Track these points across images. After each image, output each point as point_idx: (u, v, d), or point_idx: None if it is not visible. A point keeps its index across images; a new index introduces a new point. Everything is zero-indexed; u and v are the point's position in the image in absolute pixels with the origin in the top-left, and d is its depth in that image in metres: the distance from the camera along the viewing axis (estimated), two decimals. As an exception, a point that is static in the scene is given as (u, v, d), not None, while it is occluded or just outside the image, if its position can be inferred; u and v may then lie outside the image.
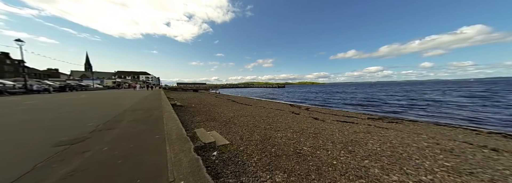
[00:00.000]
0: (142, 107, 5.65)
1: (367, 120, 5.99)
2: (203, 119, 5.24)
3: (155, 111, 4.73)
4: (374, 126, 4.50)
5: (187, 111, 6.75)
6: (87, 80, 29.33)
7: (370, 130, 3.91)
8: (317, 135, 3.42)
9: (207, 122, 4.83)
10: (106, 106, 5.76)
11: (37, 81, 13.64)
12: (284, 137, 3.34)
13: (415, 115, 7.97)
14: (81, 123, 3.15)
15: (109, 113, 4.20)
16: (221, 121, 5.10)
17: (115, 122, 3.15)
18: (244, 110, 7.87)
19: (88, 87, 21.42)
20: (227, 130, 3.93)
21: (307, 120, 5.32)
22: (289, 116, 6.17)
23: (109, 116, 3.80)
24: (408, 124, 5.40)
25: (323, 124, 4.68)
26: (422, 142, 2.95)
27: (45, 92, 12.89)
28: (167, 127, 2.82)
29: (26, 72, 44.27)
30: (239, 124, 4.66)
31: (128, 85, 47.06)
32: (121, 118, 3.55)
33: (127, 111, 4.51)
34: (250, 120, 5.21)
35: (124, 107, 5.41)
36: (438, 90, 27.14)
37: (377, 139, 3.16)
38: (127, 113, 4.23)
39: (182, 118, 5.31)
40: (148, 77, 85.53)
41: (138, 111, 4.60)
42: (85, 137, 2.22)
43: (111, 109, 5.10)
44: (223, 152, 2.59)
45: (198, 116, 5.87)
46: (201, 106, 8.94)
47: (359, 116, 7.18)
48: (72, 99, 8.52)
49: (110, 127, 2.80)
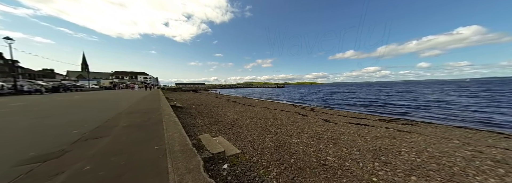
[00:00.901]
0: (139, 109, 5.20)
1: (380, 122, 5.63)
2: (206, 122, 4.82)
3: (153, 114, 4.30)
4: (393, 129, 4.13)
5: (187, 113, 6.31)
6: (84, 80, 28.54)
7: (392, 134, 3.53)
8: (337, 141, 3.03)
9: (210, 126, 4.41)
10: (99, 108, 5.28)
11: (28, 82, 13.02)
12: (301, 143, 2.95)
13: (425, 116, 7.65)
14: (65, 129, 2.69)
15: (101, 117, 3.75)
16: (226, 124, 4.68)
17: (106, 128, 2.71)
18: (247, 111, 7.46)
19: (84, 87, 20.73)
20: (234, 135, 3.51)
21: (318, 123, 4.93)
22: (297, 118, 5.78)
23: (100, 120, 3.34)
24: (425, 127, 5.05)
25: (337, 127, 4.30)
26: (462, 150, 2.59)
27: (37, 93, 12.26)
28: (167, 135, 2.39)
29: (20, 73, 43.19)
30: (246, 127, 4.25)
31: (126, 85, 46.24)
32: (114, 122, 3.11)
33: (122, 114, 4.06)
34: (257, 123, 4.81)
35: (119, 109, 4.95)
36: (438, 90, 27.08)
37: (407, 146, 2.79)
38: (121, 116, 3.78)
39: (183, 121, 4.88)
40: (147, 77, 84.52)
41: (134, 114, 4.16)
42: (64, 150, 1.77)
43: (105, 111, 4.64)
44: (235, 165, 2.18)
45: (200, 118, 5.44)
46: (202, 107, 8.50)
47: (369, 118, 6.82)
48: (63, 100, 8.00)
49: (99, 135, 2.36)
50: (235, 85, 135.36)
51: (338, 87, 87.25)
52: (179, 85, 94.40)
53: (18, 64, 43.87)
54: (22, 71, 43.60)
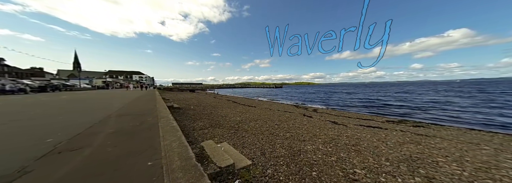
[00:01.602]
0: (133, 110, 4.72)
1: (390, 124, 5.35)
2: (206, 125, 4.40)
3: (148, 116, 3.84)
4: (410, 133, 3.83)
5: (186, 115, 5.86)
6: (75, 79, 27.34)
7: (414, 139, 3.22)
8: (358, 148, 2.68)
9: (212, 129, 3.99)
10: (86, 110, 4.75)
11: (12, 80, 12.15)
12: (317, 151, 2.58)
13: (429, 118, 7.45)
14: (37, 137, 2.21)
15: (86, 120, 3.26)
16: (229, 127, 4.28)
17: (88, 136, 2.25)
18: (249, 112, 7.06)
19: (74, 87, 19.76)
20: (240, 140, 3.12)
21: (327, 125, 4.59)
22: (303, 120, 5.43)
23: (84, 124, 2.87)
24: (438, 129, 4.80)
25: (349, 130, 3.96)
26: (503, 159, 2.29)
27: (21, 93, 11.43)
28: (165, 144, 1.98)
29: (6, 71, 41.18)
30: (252, 131, 3.86)
31: (120, 85, 44.90)
32: (100, 128, 2.65)
33: (111, 117, 3.58)
34: (262, 126, 4.42)
35: (110, 111, 4.46)
36: (433, 90, 27.48)
37: (440, 154, 2.47)
38: (110, 120, 3.31)
39: (181, 124, 4.44)
40: (142, 76, 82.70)
41: (126, 117, 3.68)
42: (24, 170, 1.30)
43: (92, 113, 4.14)
44: (247, 180, 1.79)
45: (199, 120, 5.01)
46: (200, 108, 8.04)
47: (376, 119, 6.55)
48: (48, 101, 7.36)
49: (78, 144, 1.90)
50: (232, 85, 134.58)
51: (335, 87, 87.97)
52: (176, 84, 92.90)
53: (3, 62, 41.83)
54: (8, 69, 41.61)
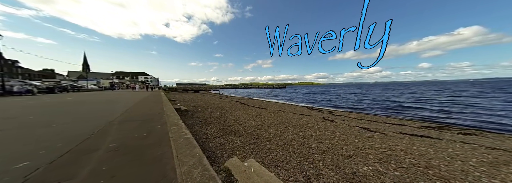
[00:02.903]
0: (138, 114, 4.21)
1: (432, 131, 4.59)
2: (220, 132, 3.82)
3: (156, 122, 3.31)
4: (478, 145, 3.09)
5: (195, 118, 5.32)
6: (84, 80, 27.66)
7: (499, 158, 2.50)
8: (439, 174, 1.99)
9: (228, 137, 3.41)
10: (88, 114, 4.27)
11: (20, 82, 12.13)
12: (382, 175, 1.92)
13: (468, 123, 6.59)
14: (8, 159, 1.68)
15: (82, 130, 2.74)
16: (246, 134, 3.69)
17: (79, 157, 1.68)
18: (263, 115, 6.46)
19: (82, 88, 19.83)
20: (268, 155, 2.51)
21: (362, 133, 3.91)
22: (328, 126, 4.76)
23: (78, 136, 2.31)
24: (499, 138, 4.00)
25: (397, 141, 3.26)
26: None
27: (28, 94, 11.32)
28: (182, 171, 1.39)
29: (20, 73, 42.49)
30: (276, 140, 3.25)
31: (127, 85, 45.51)
32: (97, 142, 2.09)
33: (113, 124, 3.06)
34: (285, 133, 3.80)
35: (113, 115, 3.96)
36: (448, 90, 25.91)
37: None
38: (112, 128, 2.78)
39: (193, 130, 3.89)
40: (147, 77, 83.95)
41: (130, 124, 3.16)
42: None
43: (93, 119, 3.66)
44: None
45: (211, 125, 4.45)
46: (209, 110, 7.51)
47: (407, 124, 5.78)
48: (51, 103, 7.02)
49: (60, 175, 1.34)
50: (235, 86, 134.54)
51: (340, 87, 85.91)
52: (180, 85, 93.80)
53: (18, 64, 43.23)
54: (21, 71, 42.96)
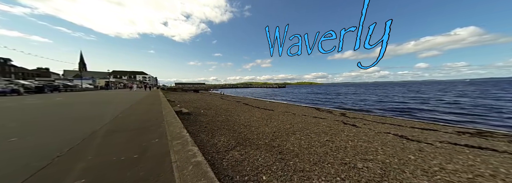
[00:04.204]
0: (132, 121, 3.48)
1: (480, 139, 3.94)
2: (232, 142, 3.13)
3: (152, 133, 2.60)
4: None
5: (199, 123, 4.61)
6: (80, 79, 26.68)
7: None
8: None
9: (243, 150, 2.72)
10: (70, 121, 3.47)
11: (6, 80, 11.23)
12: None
13: (504, 127, 5.97)
14: None
15: (52, 144, 2.02)
16: (264, 145, 2.99)
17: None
18: (273, 118, 5.77)
19: (76, 87, 18.89)
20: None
21: (408, 144, 3.22)
22: (356, 132, 4.08)
23: (39, 159, 1.56)
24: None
25: (461, 156, 2.59)
26: None
27: (13, 94, 10.45)
28: None
29: (13, 72, 41.18)
30: (305, 156, 2.56)
31: (124, 85, 44.42)
32: (61, 172, 1.36)
33: (96, 137, 2.32)
34: (311, 144, 3.11)
35: (100, 122, 3.22)
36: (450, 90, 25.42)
37: None
38: (93, 144, 2.04)
39: (197, 139, 3.19)
40: (146, 77, 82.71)
41: (118, 136, 2.43)
42: None
43: (73, 127, 2.92)
44: None
45: (219, 132, 3.75)
46: (212, 112, 6.80)
47: (439, 129, 5.13)
48: (31, 105, 6.21)
49: None
50: (235, 85, 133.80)
51: (339, 87, 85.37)
52: (178, 85, 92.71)
53: (10, 62, 41.88)
54: (15, 70, 41.67)
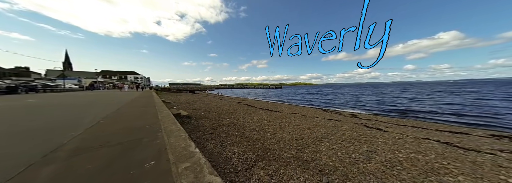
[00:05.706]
0: (116, 130, 2.63)
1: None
2: (250, 155, 2.40)
3: (144, 150, 1.81)
4: None
5: (202, 128, 3.82)
6: (65, 79, 24.52)
7: None
8: None
9: (270, 169, 2.02)
10: (28, 132, 2.50)
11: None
12: None
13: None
14: None
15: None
16: (295, 160, 2.29)
17: None
18: (286, 121, 5.08)
19: (57, 87, 17.18)
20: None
21: (472, 156, 2.64)
22: (391, 139, 3.47)
23: None
24: None
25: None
26: None
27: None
28: None
29: (-13, 70, 37.48)
30: (358, 176, 1.88)
31: (113, 85, 41.97)
32: None
33: (48, 162, 1.44)
34: (352, 156, 2.45)
35: (67, 134, 2.34)
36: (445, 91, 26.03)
37: None
38: (40, 173, 1.21)
39: (206, 151, 2.44)
40: (138, 77, 79.47)
41: (90, 157, 1.60)
42: None
43: (25, 141, 2.05)
44: None
45: (229, 141, 3.01)
46: (215, 115, 6.00)
47: (469, 132, 4.67)
48: None
49: None
50: (231, 86, 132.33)
51: (334, 87, 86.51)
52: (173, 85, 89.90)
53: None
54: (-11, 68, 38.14)
